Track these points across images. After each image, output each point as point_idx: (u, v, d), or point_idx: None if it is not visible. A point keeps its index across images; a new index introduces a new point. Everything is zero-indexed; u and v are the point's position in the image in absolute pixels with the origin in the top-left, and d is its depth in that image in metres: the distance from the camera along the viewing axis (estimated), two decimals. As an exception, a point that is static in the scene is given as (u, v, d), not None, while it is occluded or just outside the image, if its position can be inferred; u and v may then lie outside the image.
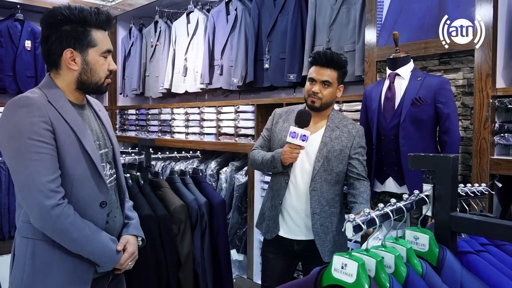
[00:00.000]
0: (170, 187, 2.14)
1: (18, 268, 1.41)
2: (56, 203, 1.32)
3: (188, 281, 2.02)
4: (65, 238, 1.36)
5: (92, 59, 1.43)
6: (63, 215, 1.33)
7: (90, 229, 1.40)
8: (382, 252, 0.90)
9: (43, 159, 1.32)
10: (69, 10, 1.39)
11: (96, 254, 1.42)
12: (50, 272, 1.39)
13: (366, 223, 0.86)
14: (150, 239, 1.88)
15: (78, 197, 1.40)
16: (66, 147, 1.37)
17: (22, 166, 1.32)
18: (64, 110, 1.39)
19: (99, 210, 1.45)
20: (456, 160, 1.01)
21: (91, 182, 1.42)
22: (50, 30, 1.40)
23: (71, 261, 1.40)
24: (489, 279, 0.95)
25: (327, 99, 2.03)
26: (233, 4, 3.63)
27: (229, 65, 3.63)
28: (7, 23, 4.47)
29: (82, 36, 1.40)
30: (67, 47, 1.40)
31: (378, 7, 2.56)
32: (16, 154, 1.32)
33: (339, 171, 2.03)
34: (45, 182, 1.31)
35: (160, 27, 4.45)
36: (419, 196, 1.02)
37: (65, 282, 1.39)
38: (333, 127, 2.06)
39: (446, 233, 1.00)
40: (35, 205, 1.32)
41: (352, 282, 0.82)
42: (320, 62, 2.01)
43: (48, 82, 1.44)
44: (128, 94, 4.93)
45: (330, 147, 2.02)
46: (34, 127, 1.31)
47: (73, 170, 1.38)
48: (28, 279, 1.38)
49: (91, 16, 1.41)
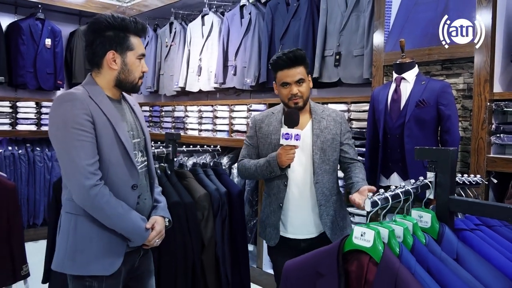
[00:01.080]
0: (194, 177, 2.35)
1: (63, 239, 1.62)
2: (94, 184, 1.52)
3: (210, 263, 2.22)
4: (101, 214, 1.56)
5: (129, 60, 1.65)
6: (100, 195, 1.53)
7: (123, 208, 1.59)
8: (393, 225, 1.10)
9: (84, 146, 1.52)
10: (113, 19, 1.61)
11: (127, 230, 1.60)
12: (89, 244, 1.58)
13: (381, 200, 1.07)
14: (178, 223, 2.09)
15: (113, 180, 1.59)
16: (104, 136, 1.57)
17: (66, 151, 1.53)
18: (103, 104, 1.59)
19: (130, 192, 1.64)
20: (454, 153, 1.21)
21: (124, 167, 1.61)
22: (95, 35, 1.62)
23: (107, 235, 1.59)
24: (479, 250, 1.15)
25: (307, 95, 2.05)
26: (247, 8, 3.83)
27: (242, 66, 3.83)
28: (29, 22, 4.68)
29: (122, 40, 1.62)
30: (110, 50, 1.61)
31: (386, 15, 2.76)
32: (61, 141, 1.54)
33: (334, 159, 2.07)
34: (85, 165, 1.51)
35: (175, 28, 4.66)
36: (423, 182, 1.22)
37: (101, 253, 1.58)
38: (319, 118, 2.07)
39: (446, 213, 1.20)
40: (76, 185, 1.52)
41: (370, 246, 1.03)
42: (286, 64, 2.00)
43: (90, 81, 1.65)
44: (143, 92, 5.12)
45: (323, 138, 2.04)
46: (77, 118, 1.52)
47: (108, 156, 1.58)
48: (71, 249, 1.59)
49: (130, 24, 1.63)
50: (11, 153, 4.48)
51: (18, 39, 4.58)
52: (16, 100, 4.67)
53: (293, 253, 2.04)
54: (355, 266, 1.07)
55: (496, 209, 1.11)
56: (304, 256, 1.16)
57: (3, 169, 4.26)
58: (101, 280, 1.59)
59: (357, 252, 1.07)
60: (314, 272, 1.10)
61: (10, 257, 2.93)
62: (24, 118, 4.69)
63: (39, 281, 2.64)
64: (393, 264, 0.97)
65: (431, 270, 1.03)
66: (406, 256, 1.02)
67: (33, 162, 4.62)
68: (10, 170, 4.38)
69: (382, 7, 2.76)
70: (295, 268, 1.16)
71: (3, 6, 4.74)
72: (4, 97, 4.67)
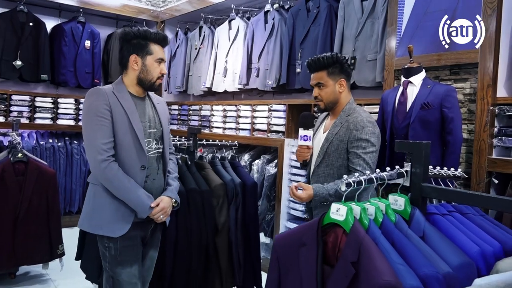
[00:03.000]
0: (212, 168, 2.58)
1: (86, 203, 2.02)
2: (104, 159, 1.87)
3: (223, 246, 2.44)
4: (110, 185, 1.91)
5: (148, 63, 2.00)
6: (108, 168, 1.87)
7: (129, 183, 1.91)
8: (366, 205, 1.28)
9: (101, 129, 1.89)
10: (137, 30, 2.00)
11: (131, 201, 1.92)
12: (103, 209, 1.94)
13: (356, 182, 1.26)
14: (194, 207, 2.33)
15: (124, 159, 1.94)
16: (119, 123, 1.92)
17: (88, 132, 1.92)
18: (123, 98, 1.96)
19: (139, 171, 1.96)
20: (428, 146, 1.38)
21: (134, 150, 1.94)
22: (123, 43, 2.03)
23: (117, 204, 1.93)
24: (445, 231, 1.32)
25: (328, 98, 2.14)
26: (271, 14, 4.05)
27: (265, 68, 4.06)
28: (71, 25, 5.07)
29: (143, 47, 1.99)
30: (133, 54, 1.99)
31: (398, 22, 2.91)
32: (86, 124, 1.93)
33: (339, 165, 2.09)
34: (99, 143, 1.87)
35: (204, 32, 4.93)
36: (399, 170, 1.40)
37: (112, 218, 1.92)
38: (338, 123, 2.13)
39: (418, 198, 1.38)
40: (91, 158, 1.91)
41: (343, 220, 1.22)
42: (310, 69, 2.18)
43: (119, 80, 2.05)
44: (172, 91, 5.44)
45: (330, 143, 2.11)
46: (98, 107, 1.90)
47: (122, 140, 1.92)
48: (89, 212, 1.98)
49: (150, 34, 2.00)
50: (51, 145, 4.87)
51: (61, 40, 4.98)
52: (58, 97, 5.06)
53: None
54: (332, 237, 1.26)
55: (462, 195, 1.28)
56: (291, 229, 1.36)
57: (44, 159, 4.63)
58: (116, 241, 1.94)
59: (334, 225, 1.27)
60: (298, 242, 1.31)
61: (48, 236, 3.27)
62: (64, 114, 5.07)
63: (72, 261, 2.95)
64: (359, 233, 1.16)
65: (395, 242, 1.21)
66: (373, 229, 1.20)
67: (71, 155, 5.00)
68: (50, 161, 4.76)
69: (395, 14, 2.92)
70: (283, 239, 1.36)
71: (49, 10, 5.16)
72: (47, 93, 5.08)
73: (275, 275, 1.36)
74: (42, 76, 4.82)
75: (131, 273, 1.96)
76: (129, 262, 1.96)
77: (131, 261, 1.96)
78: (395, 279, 1.05)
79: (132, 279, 1.96)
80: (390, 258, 1.12)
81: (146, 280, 2.12)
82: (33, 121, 4.88)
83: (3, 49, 4.58)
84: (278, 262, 1.36)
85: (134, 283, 1.97)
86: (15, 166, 3.16)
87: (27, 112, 4.84)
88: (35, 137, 4.94)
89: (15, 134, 3.37)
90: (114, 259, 1.94)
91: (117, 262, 1.94)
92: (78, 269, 2.84)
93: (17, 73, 4.70)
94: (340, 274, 1.15)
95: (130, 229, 1.93)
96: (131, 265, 1.96)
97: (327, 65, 2.12)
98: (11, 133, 3.44)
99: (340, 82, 2.15)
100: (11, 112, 4.74)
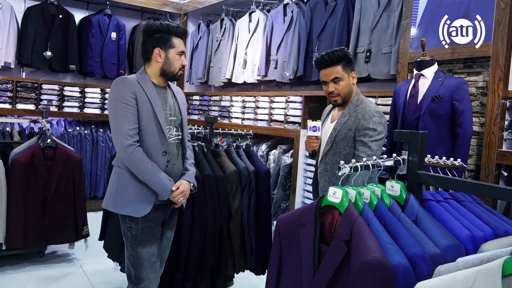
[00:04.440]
0: (227, 156, 2.70)
1: (110, 185, 2.14)
2: (131, 144, 1.98)
3: (236, 230, 2.57)
4: (134, 168, 2.02)
5: (171, 56, 2.11)
6: (134, 152, 1.99)
7: (153, 166, 2.03)
8: (362, 189, 1.38)
9: (127, 115, 2.00)
10: (160, 25, 2.10)
11: (154, 184, 2.03)
12: (127, 191, 2.06)
13: (352, 168, 1.35)
14: (210, 193, 2.46)
15: (148, 144, 2.05)
16: (143, 110, 2.03)
17: (114, 118, 2.02)
18: (147, 87, 2.07)
19: (161, 156, 2.08)
20: (424, 136, 1.45)
21: (157, 136, 2.05)
22: (147, 37, 2.13)
23: (140, 186, 2.04)
24: (438, 216, 1.39)
25: (345, 92, 2.19)
26: (290, 7, 4.12)
27: (283, 60, 4.14)
28: (98, 17, 5.26)
29: (166, 40, 2.10)
30: (156, 47, 2.09)
31: (413, 16, 2.95)
32: (113, 110, 2.04)
33: (346, 153, 2.16)
34: (126, 129, 1.99)
35: (225, 24, 5.04)
36: (396, 158, 1.48)
37: (135, 199, 2.05)
38: (346, 113, 2.20)
39: (414, 185, 1.46)
40: (118, 143, 2.01)
41: (338, 202, 1.32)
42: (322, 65, 2.19)
43: (142, 71, 2.16)
44: (194, 82, 5.58)
45: (338, 132, 2.18)
46: (125, 95, 2.01)
47: (145, 126, 2.03)
48: (114, 193, 2.09)
49: (173, 29, 2.11)
50: (78, 133, 5.10)
51: (88, 32, 5.18)
52: (85, 86, 5.28)
53: None
54: (329, 218, 1.36)
55: (456, 182, 1.36)
56: (292, 211, 1.47)
57: (71, 146, 4.86)
58: (137, 222, 2.06)
59: (332, 207, 1.37)
60: (298, 223, 1.41)
61: (74, 218, 3.48)
62: (91, 103, 5.29)
63: (96, 242, 3.15)
64: (352, 214, 1.25)
65: (387, 224, 1.30)
66: (367, 211, 1.30)
67: (96, 142, 5.22)
68: (77, 148, 4.99)
69: (410, 8, 2.95)
70: (285, 220, 1.47)
71: (78, 3, 5.37)
72: (75, 83, 5.30)
73: (276, 251, 1.47)
74: (71, 67, 5.04)
75: (151, 252, 2.09)
76: (149, 242, 2.09)
77: (151, 241, 2.10)
78: (383, 256, 1.14)
79: (151, 258, 2.10)
80: (380, 238, 1.21)
81: (163, 258, 2.26)
82: (61, 109, 5.11)
83: (34, 40, 4.81)
84: (280, 241, 1.46)
85: (153, 261, 2.11)
86: (45, 151, 3.36)
87: (56, 101, 5.08)
88: (63, 125, 5.18)
89: (44, 121, 3.58)
90: (135, 239, 2.07)
91: (137, 242, 2.07)
92: (102, 249, 3.03)
93: (47, 63, 4.93)
94: (334, 251, 1.25)
95: (151, 211, 2.05)
96: (150, 245, 2.09)
97: (341, 59, 2.17)
98: (41, 120, 3.65)
99: (352, 75, 2.22)
100: (41, 101, 4.98)
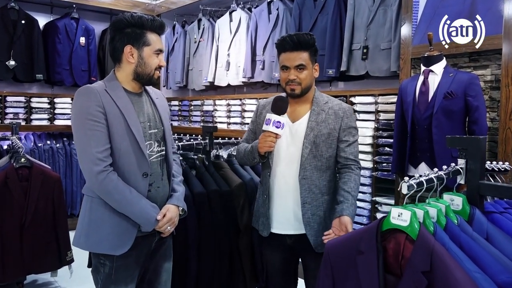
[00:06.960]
0: (230, 167, 2.48)
1: (81, 218, 1.76)
2: (102, 170, 1.63)
3: (246, 247, 2.35)
4: (110, 198, 1.67)
5: (146, 55, 1.73)
6: (107, 180, 1.63)
7: (131, 194, 1.67)
8: (427, 207, 1.20)
9: (95, 135, 1.63)
10: (131, 17, 1.71)
11: (135, 215, 1.69)
12: (102, 224, 1.70)
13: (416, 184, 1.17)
14: (217, 209, 2.23)
15: (123, 167, 1.69)
16: (115, 126, 1.66)
17: (79, 139, 1.66)
18: (118, 97, 1.70)
19: (141, 179, 1.72)
20: (484, 141, 1.30)
21: (134, 156, 1.70)
22: (115, 32, 1.74)
23: (117, 218, 1.69)
24: (508, 230, 1.24)
25: (306, 83, 1.90)
26: (275, 4, 3.93)
27: (270, 60, 3.95)
28: (64, 21, 4.89)
29: (139, 36, 1.71)
30: (127, 44, 1.71)
31: (413, 9, 2.82)
32: (77, 129, 1.67)
33: (328, 156, 1.92)
34: (94, 152, 1.62)
35: (204, 25, 4.79)
36: (455, 168, 1.32)
37: (112, 234, 1.69)
38: (318, 110, 1.93)
39: (476, 196, 1.30)
40: (86, 170, 1.65)
41: (407, 225, 1.13)
42: (288, 46, 1.88)
43: (111, 76, 1.77)
44: (172, 87, 5.30)
45: (317, 132, 1.89)
46: (90, 109, 1.64)
47: (119, 145, 1.68)
48: (86, 228, 1.72)
49: (147, 22, 1.72)
50: (50, 147, 4.72)
51: (55, 38, 4.80)
52: (54, 97, 4.90)
53: (280, 249, 1.98)
54: (392, 243, 1.18)
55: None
56: (344, 235, 1.27)
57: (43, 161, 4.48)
58: (112, 260, 1.71)
59: (393, 231, 1.18)
60: (354, 250, 1.22)
61: (56, 243, 3.15)
62: (61, 114, 4.92)
63: (81, 267, 2.84)
64: (429, 240, 1.07)
65: (463, 247, 1.13)
66: (440, 234, 1.12)
67: (70, 155, 4.86)
68: (49, 163, 4.60)
69: (410, 1, 2.83)
70: (336, 246, 1.28)
71: (40, 7, 4.97)
72: (43, 93, 4.92)
73: (328, 282, 1.28)
74: (37, 76, 4.66)
75: None
76: (124, 282, 1.75)
77: (126, 281, 1.75)
78: (476, 290, 0.97)
79: None
80: (464, 266, 1.04)
81: None
82: (29, 123, 4.72)
83: (-5, 49, 4.41)
84: (332, 270, 1.27)
85: None
86: (19, 171, 3.02)
87: (22, 114, 4.69)
88: (32, 139, 4.78)
89: (15, 138, 3.23)
90: (108, 278, 1.73)
91: (111, 281, 1.73)
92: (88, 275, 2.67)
93: (10, 74, 4.53)
94: (410, 284, 1.07)
95: (132, 245, 1.72)
96: (126, 285, 1.75)
97: (310, 45, 1.89)
98: (11, 137, 3.30)
99: (315, 67, 1.95)
100: (6, 114, 4.58)
